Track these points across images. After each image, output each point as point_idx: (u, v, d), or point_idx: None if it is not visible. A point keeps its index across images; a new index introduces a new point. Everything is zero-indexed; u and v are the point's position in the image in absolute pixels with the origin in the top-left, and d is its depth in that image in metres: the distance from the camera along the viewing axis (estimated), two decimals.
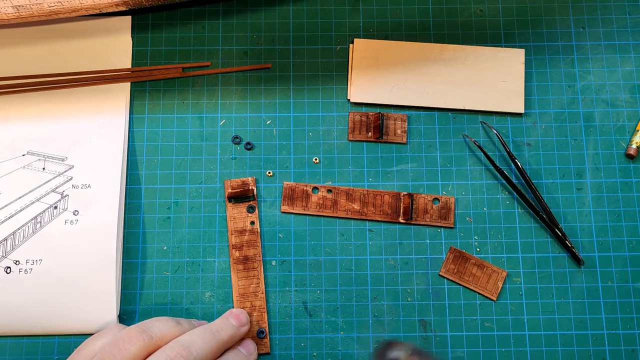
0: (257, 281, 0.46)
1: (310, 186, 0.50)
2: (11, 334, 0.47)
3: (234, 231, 0.47)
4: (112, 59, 0.52)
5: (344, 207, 0.49)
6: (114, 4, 0.48)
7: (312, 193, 0.50)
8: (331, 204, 0.49)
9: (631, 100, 0.52)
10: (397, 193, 0.50)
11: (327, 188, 0.50)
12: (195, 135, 0.51)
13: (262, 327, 0.45)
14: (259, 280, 0.46)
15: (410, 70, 0.52)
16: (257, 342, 0.45)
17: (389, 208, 0.49)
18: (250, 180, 0.48)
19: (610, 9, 0.54)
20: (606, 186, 0.50)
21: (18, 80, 0.52)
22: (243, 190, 0.47)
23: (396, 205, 0.49)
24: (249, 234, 0.47)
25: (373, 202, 0.49)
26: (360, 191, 0.50)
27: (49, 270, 0.47)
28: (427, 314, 0.48)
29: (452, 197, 0.50)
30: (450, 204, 0.49)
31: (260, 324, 0.45)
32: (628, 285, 0.48)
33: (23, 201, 0.49)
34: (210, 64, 0.53)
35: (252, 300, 0.46)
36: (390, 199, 0.50)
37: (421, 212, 0.49)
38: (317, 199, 0.50)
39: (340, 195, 0.50)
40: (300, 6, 0.54)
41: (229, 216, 0.47)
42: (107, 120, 0.51)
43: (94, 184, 0.49)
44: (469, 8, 0.54)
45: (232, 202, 0.47)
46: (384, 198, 0.49)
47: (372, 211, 0.49)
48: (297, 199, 0.50)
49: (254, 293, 0.46)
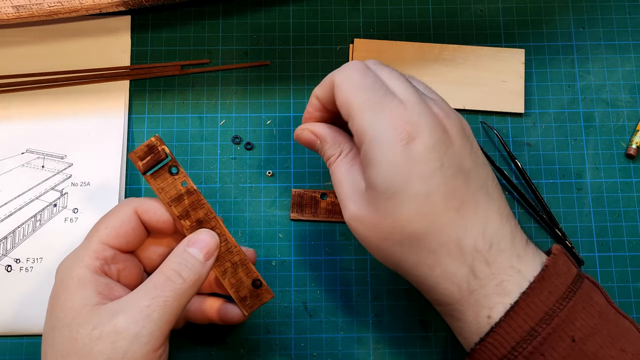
0: (224, 238, 0.41)
1: (319, 192, 0.50)
2: (11, 333, 0.47)
3: (171, 202, 0.40)
4: (111, 59, 0.52)
5: None
6: (114, 4, 0.48)
7: (321, 199, 0.50)
8: (340, 209, 0.49)
9: (631, 100, 0.52)
10: None
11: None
12: (195, 135, 0.51)
13: (254, 277, 0.42)
14: (225, 235, 0.41)
15: (410, 70, 0.52)
16: (257, 293, 0.42)
17: None
18: (155, 139, 0.40)
19: (610, 9, 0.54)
20: (606, 186, 0.50)
21: (17, 79, 0.52)
22: (153, 154, 0.40)
23: None
24: (187, 195, 0.41)
25: None
26: None
27: (49, 269, 0.47)
28: (427, 314, 0.48)
29: None
30: None
31: (252, 275, 0.42)
32: (628, 285, 0.48)
33: (23, 199, 0.49)
34: (209, 62, 0.53)
35: (230, 258, 0.41)
36: None
37: None
38: (326, 205, 0.49)
39: None
40: (300, 6, 0.54)
41: (156, 190, 0.41)
42: (106, 118, 0.51)
43: (93, 181, 0.49)
44: (469, 8, 0.54)
45: (149, 174, 0.41)
46: None
47: None
48: (306, 206, 0.50)
49: (228, 251, 0.41)
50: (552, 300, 0.35)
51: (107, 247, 0.39)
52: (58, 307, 0.37)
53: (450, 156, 0.37)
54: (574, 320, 0.35)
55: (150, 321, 0.35)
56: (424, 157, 0.36)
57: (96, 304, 0.36)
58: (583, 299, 0.36)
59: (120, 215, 0.40)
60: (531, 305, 0.35)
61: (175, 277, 0.37)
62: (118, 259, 0.40)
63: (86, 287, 0.37)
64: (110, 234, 0.39)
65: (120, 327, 0.35)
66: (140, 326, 0.35)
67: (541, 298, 0.35)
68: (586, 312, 0.35)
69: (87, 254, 0.38)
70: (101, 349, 0.34)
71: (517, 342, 0.34)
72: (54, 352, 0.36)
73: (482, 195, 0.37)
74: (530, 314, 0.35)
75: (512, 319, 0.35)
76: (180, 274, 0.37)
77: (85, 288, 0.37)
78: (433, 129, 0.36)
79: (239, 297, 0.41)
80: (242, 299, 0.42)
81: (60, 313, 0.36)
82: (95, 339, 0.35)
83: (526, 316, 0.35)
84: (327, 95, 0.40)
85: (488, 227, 0.36)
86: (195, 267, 0.38)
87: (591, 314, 0.35)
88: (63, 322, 0.36)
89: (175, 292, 0.37)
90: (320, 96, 0.41)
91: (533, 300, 0.35)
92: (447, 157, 0.36)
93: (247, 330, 0.47)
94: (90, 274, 0.38)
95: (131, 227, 0.40)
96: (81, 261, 0.38)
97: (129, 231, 0.40)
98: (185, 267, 0.38)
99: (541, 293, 0.35)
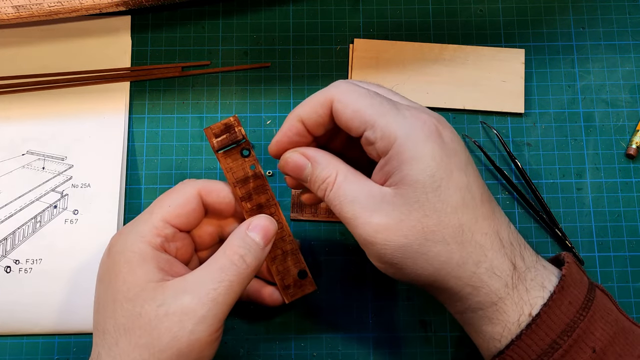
0: (280, 225, 0.41)
1: None
2: (11, 333, 0.47)
3: (236, 182, 0.41)
4: (111, 59, 0.52)
5: None
6: (114, 4, 0.48)
7: None
8: None
9: (631, 100, 0.52)
10: None
11: None
12: (195, 135, 0.51)
13: (302, 267, 0.42)
14: (282, 223, 0.42)
15: (410, 70, 0.52)
16: (301, 283, 0.42)
17: None
18: (233, 119, 0.41)
19: (610, 9, 0.54)
20: (606, 186, 0.50)
21: (18, 80, 0.52)
22: (229, 134, 0.40)
23: None
24: (254, 179, 0.41)
25: None
26: None
27: (48, 270, 0.47)
28: (427, 314, 0.48)
29: None
30: None
31: (299, 265, 0.42)
32: (628, 285, 0.48)
33: (23, 200, 0.49)
34: (210, 63, 0.53)
35: (282, 246, 0.42)
36: None
37: None
38: (326, 205, 0.49)
39: None
40: (300, 6, 0.54)
41: (225, 169, 0.41)
42: (107, 119, 0.51)
43: (93, 183, 0.49)
44: (469, 8, 0.54)
45: (221, 152, 0.41)
46: None
47: None
48: (306, 206, 0.50)
49: (282, 239, 0.42)
50: (572, 311, 0.35)
51: (168, 224, 0.39)
52: (119, 280, 0.37)
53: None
54: (594, 331, 0.34)
55: (216, 304, 0.36)
56: (456, 148, 0.36)
57: (159, 280, 0.37)
58: (600, 309, 0.35)
59: (184, 194, 0.40)
60: (553, 317, 0.34)
61: (240, 261, 0.37)
62: (177, 237, 0.40)
63: (149, 263, 0.37)
64: (174, 213, 0.40)
65: (187, 307, 0.35)
66: (207, 308, 0.36)
67: (562, 309, 0.35)
68: (604, 322, 0.35)
69: (149, 229, 0.39)
70: (168, 326, 0.35)
71: (537, 356, 0.34)
72: (116, 325, 0.36)
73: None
74: (552, 326, 0.34)
75: (534, 331, 0.34)
76: (244, 259, 0.38)
77: (148, 264, 0.37)
78: (446, 124, 0.37)
79: (283, 285, 0.42)
80: (285, 286, 0.42)
81: (123, 286, 0.37)
82: (161, 316, 0.35)
83: (548, 329, 0.34)
84: (316, 117, 0.38)
85: (510, 224, 0.37)
86: (257, 252, 0.39)
87: (609, 323, 0.35)
88: (126, 295, 0.36)
89: (239, 276, 0.37)
90: (306, 118, 0.39)
91: (554, 311, 0.34)
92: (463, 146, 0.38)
93: (247, 330, 0.47)
94: (152, 250, 0.38)
95: (193, 207, 0.40)
96: (143, 237, 0.38)
97: (190, 211, 0.40)
98: (249, 252, 0.38)
99: (562, 304, 0.35)
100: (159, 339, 0.35)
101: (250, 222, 0.40)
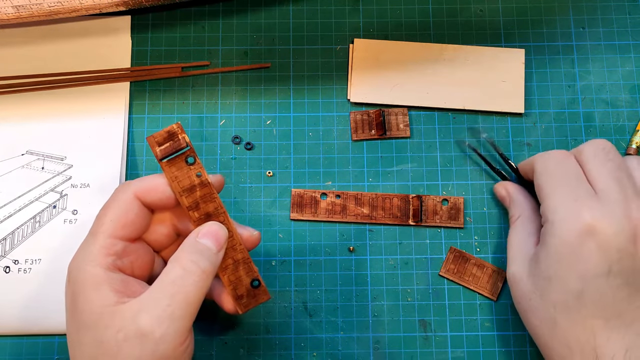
0: (231, 234, 0.40)
1: (319, 192, 0.50)
2: (11, 333, 0.47)
3: (182, 191, 0.39)
4: (111, 59, 0.52)
5: (353, 211, 0.49)
6: (114, 4, 0.48)
7: (321, 199, 0.50)
8: (340, 209, 0.49)
9: (631, 100, 0.52)
10: (405, 195, 0.49)
11: (336, 193, 0.50)
12: (195, 135, 0.51)
13: (254, 276, 0.41)
14: (232, 231, 0.40)
15: (410, 70, 0.52)
16: (254, 293, 0.41)
17: (398, 211, 0.49)
18: (176, 126, 0.40)
19: (610, 9, 0.54)
20: None
21: (18, 80, 0.52)
22: (173, 142, 0.40)
23: (405, 207, 0.49)
24: (200, 187, 0.40)
25: (382, 205, 0.49)
26: (368, 195, 0.50)
27: (48, 270, 0.47)
28: (427, 314, 0.48)
29: (461, 198, 0.49)
30: (459, 204, 0.49)
31: (251, 274, 0.41)
32: None
33: (22, 200, 0.49)
34: (210, 64, 0.53)
35: (233, 255, 0.41)
36: (399, 202, 0.49)
37: (431, 214, 0.49)
38: (326, 205, 0.49)
39: (349, 200, 0.49)
40: (300, 6, 0.54)
41: (170, 178, 0.39)
42: (107, 120, 0.51)
43: (93, 183, 0.49)
44: (469, 8, 0.54)
45: (165, 161, 0.39)
46: (393, 201, 0.49)
47: (381, 215, 0.49)
48: (305, 206, 0.50)
49: (232, 248, 0.41)
50: None
51: (115, 240, 0.38)
52: (78, 309, 0.36)
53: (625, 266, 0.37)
54: None
55: (174, 320, 0.35)
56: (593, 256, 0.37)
57: (115, 303, 0.36)
58: None
59: (121, 204, 0.38)
60: None
61: (195, 267, 0.36)
62: (129, 250, 0.39)
63: (102, 287, 0.36)
64: (117, 226, 0.38)
65: (144, 329, 0.34)
66: (165, 326, 0.35)
67: None
68: None
69: (96, 251, 0.37)
70: (129, 351, 0.34)
71: None
72: (83, 353, 0.36)
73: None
74: None
75: None
76: (198, 265, 0.37)
77: (101, 288, 0.36)
78: (617, 232, 0.37)
79: (236, 295, 0.41)
80: (238, 297, 0.41)
81: (82, 315, 0.36)
82: (121, 341, 0.34)
83: None
84: (526, 170, 0.46)
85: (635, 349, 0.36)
86: (211, 257, 0.38)
87: None
88: (86, 324, 0.36)
89: (195, 285, 0.36)
90: (521, 168, 0.47)
91: None
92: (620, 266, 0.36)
93: (247, 330, 0.47)
94: (104, 272, 0.37)
95: (135, 213, 0.39)
96: (92, 260, 0.37)
97: (134, 218, 0.39)
98: (202, 258, 0.37)
99: None
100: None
101: (199, 230, 0.39)
